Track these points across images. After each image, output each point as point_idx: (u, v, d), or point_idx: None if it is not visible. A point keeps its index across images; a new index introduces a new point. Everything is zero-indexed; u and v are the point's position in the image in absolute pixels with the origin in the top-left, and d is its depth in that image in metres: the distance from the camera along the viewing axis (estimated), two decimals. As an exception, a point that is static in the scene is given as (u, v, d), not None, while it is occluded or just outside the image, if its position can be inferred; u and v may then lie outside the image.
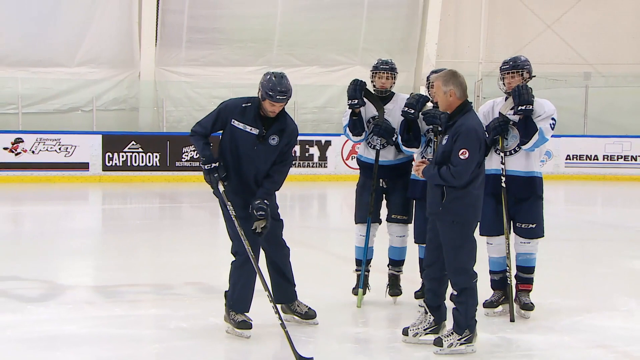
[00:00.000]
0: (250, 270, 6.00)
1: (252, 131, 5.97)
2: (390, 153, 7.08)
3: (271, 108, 5.94)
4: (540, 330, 6.36)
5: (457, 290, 5.63)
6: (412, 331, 5.85)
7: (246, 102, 6.04)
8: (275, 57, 23.14)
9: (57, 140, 19.65)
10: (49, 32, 21.44)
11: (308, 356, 5.32)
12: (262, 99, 5.94)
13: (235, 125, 5.99)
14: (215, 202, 6.24)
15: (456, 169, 5.49)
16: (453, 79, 5.65)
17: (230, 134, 6.02)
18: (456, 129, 5.57)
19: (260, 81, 5.98)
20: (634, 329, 6.47)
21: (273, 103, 5.90)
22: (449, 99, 5.65)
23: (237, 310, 6.05)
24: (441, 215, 5.61)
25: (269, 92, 5.87)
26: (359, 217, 7.15)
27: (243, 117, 5.98)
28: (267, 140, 5.99)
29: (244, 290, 6.04)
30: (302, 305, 6.39)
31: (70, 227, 12.97)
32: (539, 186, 6.76)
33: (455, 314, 5.62)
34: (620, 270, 9.28)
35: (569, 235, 12.09)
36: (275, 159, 6.09)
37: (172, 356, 5.62)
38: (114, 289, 7.84)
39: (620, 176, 21.90)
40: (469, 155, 5.47)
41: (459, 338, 5.58)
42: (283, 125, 6.06)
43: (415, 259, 7.13)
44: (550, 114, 6.64)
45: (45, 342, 5.93)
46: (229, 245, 6.11)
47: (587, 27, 24.79)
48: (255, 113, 5.99)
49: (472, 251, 5.65)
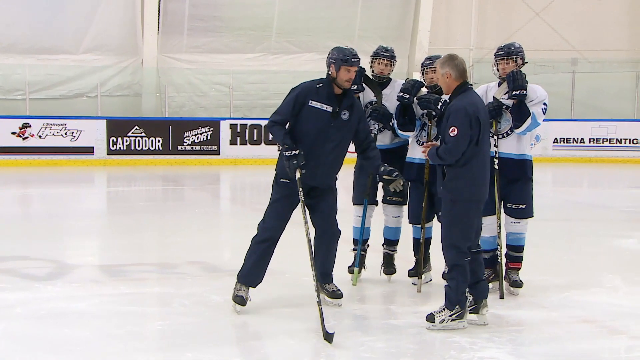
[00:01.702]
0: (267, 249, 6.22)
1: (327, 109, 6.18)
2: (387, 137, 7.23)
3: (347, 76, 6.15)
4: (528, 306, 6.52)
5: (449, 267, 5.81)
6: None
7: (318, 83, 6.27)
8: (274, 45, 23.43)
9: (63, 125, 19.87)
10: (56, 21, 21.69)
11: (331, 331, 5.46)
12: (337, 70, 6.14)
13: (312, 105, 6.17)
14: (216, 184, 6.39)
15: (447, 147, 5.71)
16: (449, 61, 5.86)
17: (305, 116, 6.19)
18: (448, 108, 5.83)
19: (328, 57, 6.22)
20: (619, 305, 6.62)
21: (349, 68, 6.13)
22: (446, 81, 5.88)
23: (242, 282, 6.22)
24: (443, 193, 5.83)
25: (346, 56, 6.14)
26: (356, 198, 7.31)
27: (319, 97, 6.20)
28: (340, 116, 6.21)
29: (256, 265, 6.22)
30: (332, 285, 6.49)
31: (77, 209, 13.15)
32: (530, 168, 6.91)
33: (447, 290, 5.79)
34: (606, 249, 9.47)
35: (557, 215, 12.37)
36: (361, 136, 6.35)
37: (176, 332, 5.73)
38: (120, 268, 7.98)
39: (605, 158, 22.37)
40: (458, 132, 5.67)
41: (450, 314, 5.74)
42: (351, 101, 6.31)
43: (409, 239, 7.31)
44: (542, 99, 6.79)
45: (53, 319, 6.05)
46: (230, 226, 6.28)
47: (574, 15, 25.16)
48: (328, 91, 6.22)
49: (467, 231, 5.81)
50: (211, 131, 21.00)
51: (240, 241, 6.63)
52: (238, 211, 13.32)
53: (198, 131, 20.88)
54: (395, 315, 6.40)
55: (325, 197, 6.34)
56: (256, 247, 6.25)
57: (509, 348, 5.47)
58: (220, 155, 21.09)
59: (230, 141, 21.22)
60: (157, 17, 22.41)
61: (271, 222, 6.25)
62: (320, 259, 6.33)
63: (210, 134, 20.99)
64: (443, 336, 5.66)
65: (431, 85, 7.07)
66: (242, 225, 10.53)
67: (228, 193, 16.48)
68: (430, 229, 7.15)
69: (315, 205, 6.29)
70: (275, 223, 6.24)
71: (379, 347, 5.42)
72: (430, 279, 7.23)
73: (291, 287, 7.00)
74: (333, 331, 5.45)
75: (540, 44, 23.51)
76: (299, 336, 5.65)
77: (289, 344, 5.47)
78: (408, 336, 5.69)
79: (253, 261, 6.24)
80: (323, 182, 6.30)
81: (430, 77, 7.08)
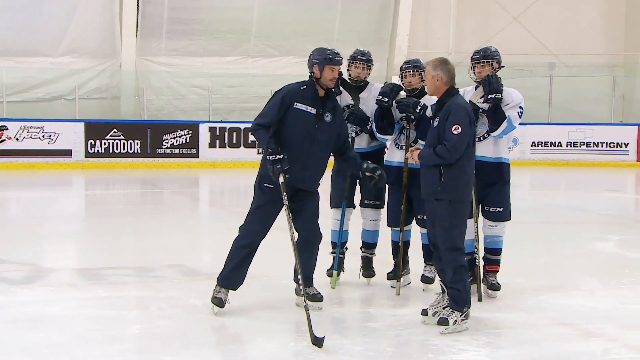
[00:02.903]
0: (249, 254, 6.21)
1: (312, 111, 6.19)
2: (364, 141, 7.23)
3: (331, 75, 6.20)
4: (506, 309, 6.56)
5: (452, 269, 5.82)
6: (432, 310, 6.00)
7: (303, 85, 6.27)
8: (253, 48, 23.47)
9: (40, 127, 19.80)
10: (33, 23, 21.61)
11: (320, 336, 5.42)
12: (321, 70, 6.18)
13: (298, 107, 6.17)
14: (195, 187, 6.39)
15: (451, 144, 5.72)
16: (442, 65, 5.93)
17: (291, 119, 6.17)
18: (446, 108, 5.85)
19: (311, 58, 6.26)
20: (595, 307, 6.66)
21: (333, 67, 6.18)
22: (435, 83, 5.93)
23: (222, 285, 6.22)
24: (440, 194, 5.82)
25: (329, 55, 6.19)
26: (334, 202, 7.30)
27: (304, 99, 6.20)
28: (324, 118, 6.23)
29: (236, 269, 6.20)
30: (312, 288, 6.44)
31: (55, 212, 13.10)
32: (507, 172, 6.94)
33: (454, 293, 5.81)
34: (583, 252, 9.55)
35: (535, 218, 12.46)
36: (339, 138, 6.37)
37: (154, 336, 5.71)
38: (97, 271, 7.96)
39: (583, 162, 22.64)
40: (462, 130, 5.73)
41: (460, 315, 5.79)
42: (334, 103, 6.35)
43: (387, 242, 7.32)
44: (518, 103, 6.82)
45: (29, 322, 6.00)
46: (209, 229, 6.27)
47: (552, 20, 25.50)
48: (313, 93, 6.23)
49: (464, 231, 5.91)
50: (190, 134, 20.97)
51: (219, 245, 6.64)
52: (217, 214, 13.28)
53: (177, 134, 20.85)
54: (373, 318, 6.42)
55: (309, 201, 6.33)
56: (237, 251, 6.24)
57: (487, 350, 5.49)
58: (199, 158, 21.07)
59: (210, 144, 21.20)
60: (136, 20, 22.41)
61: (254, 227, 6.24)
62: (303, 263, 6.30)
63: (189, 137, 20.96)
64: (421, 339, 5.67)
65: (410, 88, 7.06)
66: (221, 228, 10.57)
67: (207, 196, 16.41)
68: (408, 232, 7.16)
69: (298, 209, 6.27)
70: (259, 228, 6.22)
71: (357, 350, 5.42)
72: (409, 282, 7.23)
73: (270, 290, 6.98)
74: (323, 335, 5.42)
75: (518, 48, 23.69)
76: (278, 339, 5.64)
77: (267, 347, 5.46)
78: (386, 339, 5.68)
79: (234, 265, 6.22)
80: (311, 185, 6.31)
81: (409, 80, 7.05)
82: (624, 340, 5.82)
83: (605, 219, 12.87)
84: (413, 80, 7.00)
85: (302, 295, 5.81)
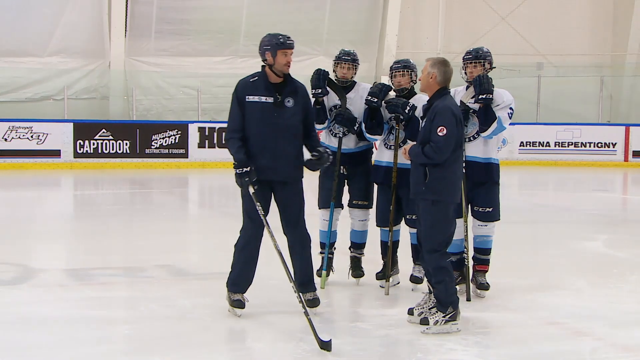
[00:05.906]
0: (251, 253, 6.19)
1: (267, 100, 6.11)
2: (351, 141, 7.24)
3: (285, 59, 6.10)
4: (495, 308, 6.58)
5: (432, 270, 5.82)
6: (417, 310, 6.01)
7: (252, 77, 6.23)
8: (242, 48, 23.38)
9: (29, 128, 19.72)
10: (22, 23, 21.50)
11: (326, 339, 5.37)
12: (274, 56, 6.08)
13: (250, 100, 6.11)
14: (184, 188, 6.39)
15: (437, 145, 5.72)
16: (440, 65, 5.92)
17: (249, 113, 6.11)
18: (433, 109, 5.86)
19: (262, 45, 6.17)
20: (583, 307, 6.70)
21: (286, 51, 6.09)
22: (429, 80, 5.93)
23: (233, 291, 6.20)
24: (424, 194, 5.83)
25: (280, 40, 6.10)
26: (322, 202, 7.32)
27: (255, 90, 6.14)
28: (284, 104, 6.14)
29: (242, 272, 6.19)
30: (309, 293, 6.37)
31: (43, 213, 13.08)
32: (496, 172, 6.95)
33: (435, 293, 5.83)
34: (570, 251, 9.56)
35: (523, 218, 12.45)
36: (305, 121, 6.26)
37: (143, 336, 5.71)
38: (87, 271, 7.96)
39: (571, 162, 22.71)
40: (447, 132, 5.73)
41: (443, 315, 5.77)
42: (293, 87, 6.22)
43: (376, 241, 7.32)
44: (509, 104, 6.84)
45: (18, 323, 6.00)
46: (198, 229, 6.27)
47: (540, 20, 25.61)
48: (264, 83, 6.16)
49: (448, 231, 5.88)
50: (179, 134, 20.94)
51: (208, 244, 6.67)
52: (206, 214, 13.28)
53: (166, 134, 20.81)
54: (362, 318, 6.43)
55: (292, 197, 6.25)
56: (239, 255, 6.23)
57: (476, 350, 5.50)
58: (188, 158, 21.03)
59: (199, 144, 21.17)
60: (125, 20, 22.34)
61: (247, 227, 6.21)
62: (299, 268, 6.30)
63: (178, 137, 20.93)
64: (410, 339, 5.68)
65: (399, 88, 7.07)
66: (210, 228, 10.59)
67: (196, 196, 16.44)
68: (397, 232, 7.17)
69: (283, 208, 6.23)
70: (252, 225, 6.16)
71: (346, 349, 5.42)
72: (397, 282, 7.24)
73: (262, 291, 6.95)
74: (329, 338, 5.38)
75: (506, 49, 23.73)
76: (266, 338, 5.66)
77: (256, 347, 5.49)
78: (375, 339, 5.70)
79: (239, 269, 6.21)
80: (288, 175, 6.21)
81: (398, 80, 7.05)
82: (612, 339, 5.84)
83: (594, 218, 12.93)
84: (403, 80, 7.01)
85: (300, 302, 5.77)
